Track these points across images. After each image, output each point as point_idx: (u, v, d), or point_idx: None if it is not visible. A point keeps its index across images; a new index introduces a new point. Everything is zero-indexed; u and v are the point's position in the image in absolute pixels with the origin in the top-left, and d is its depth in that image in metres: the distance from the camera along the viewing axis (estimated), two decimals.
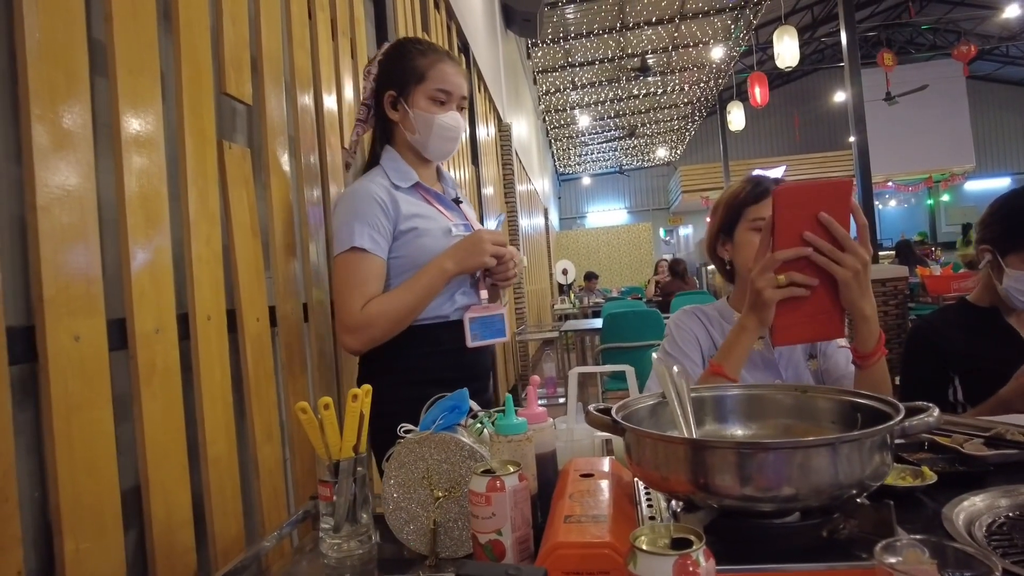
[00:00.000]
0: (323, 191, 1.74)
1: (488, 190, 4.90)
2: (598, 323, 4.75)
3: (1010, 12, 12.00)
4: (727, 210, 1.38)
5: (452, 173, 3.52)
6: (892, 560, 0.57)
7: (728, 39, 10.84)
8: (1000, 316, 1.58)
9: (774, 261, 1.03)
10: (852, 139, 6.35)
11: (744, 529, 0.68)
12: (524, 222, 7.36)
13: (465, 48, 4.41)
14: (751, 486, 0.63)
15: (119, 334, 0.96)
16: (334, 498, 1.01)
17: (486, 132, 5.22)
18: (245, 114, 1.50)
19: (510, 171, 6.21)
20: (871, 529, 0.67)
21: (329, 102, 1.83)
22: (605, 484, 0.81)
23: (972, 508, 0.89)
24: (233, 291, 1.27)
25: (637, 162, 19.46)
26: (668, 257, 8.77)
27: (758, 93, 8.76)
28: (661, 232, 19.10)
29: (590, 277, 10.23)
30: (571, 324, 5.75)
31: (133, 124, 1.01)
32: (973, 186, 17.56)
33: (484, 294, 1.54)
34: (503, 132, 6.17)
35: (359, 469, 1.04)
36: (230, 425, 1.18)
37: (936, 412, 0.69)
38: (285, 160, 1.55)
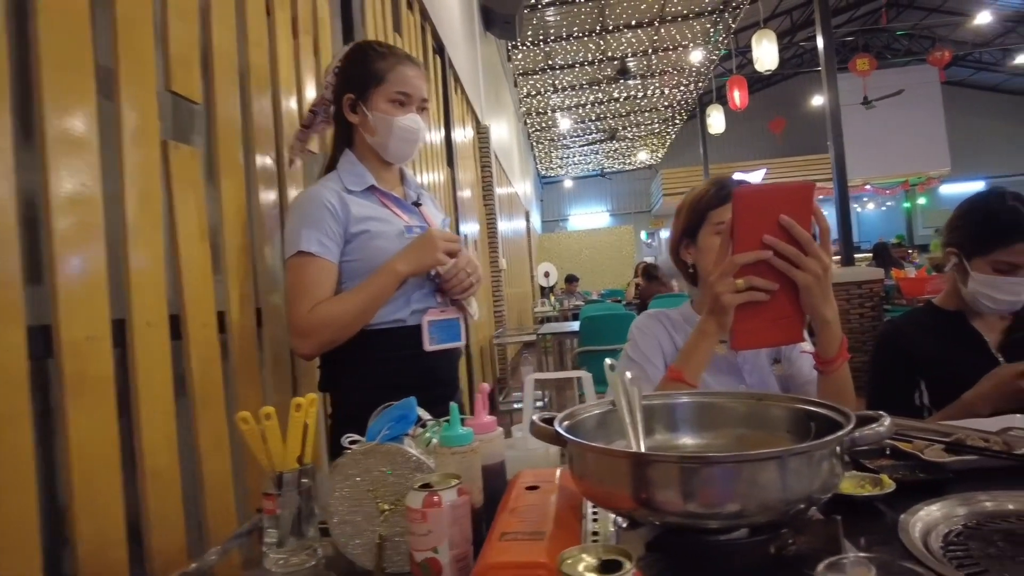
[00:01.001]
0: (280, 193, 1.69)
1: (465, 193, 4.86)
2: (576, 326, 4.72)
3: (981, 19, 12.19)
4: (690, 213, 1.35)
5: (425, 176, 3.48)
6: None
7: (707, 43, 10.90)
8: (965, 320, 1.57)
9: (733, 265, 1.01)
10: (829, 143, 6.39)
11: (688, 546, 0.65)
12: (504, 225, 7.33)
13: (440, 49, 4.37)
14: (695, 502, 0.60)
15: (44, 342, 0.91)
16: (278, 511, 0.97)
17: (463, 134, 5.18)
18: (198, 113, 1.45)
19: (488, 174, 6.18)
20: (820, 545, 0.64)
21: (288, 102, 1.78)
22: (551, 498, 0.77)
23: (929, 518, 0.87)
24: (178, 296, 1.22)
25: (619, 165, 19.53)
26: (649, 259, 8.78)
27: (737, 96, 8.81)
28: (643, 235, 19.17)
29: (571, 280, 10.22)
30: (549, 327, 5.72)
31: (60, 122, 0.96)
32: (948, 189, 17.81)
33: (439, 297, 1.51)
34: (481, 134, 6.14)
35: (304, 481, 1.00)
36: (172, 436, 1.13)
37: (887, 422, 0.66)
38: (239, 161, 1.50)
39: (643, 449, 0.76)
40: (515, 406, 4.79)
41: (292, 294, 1.41)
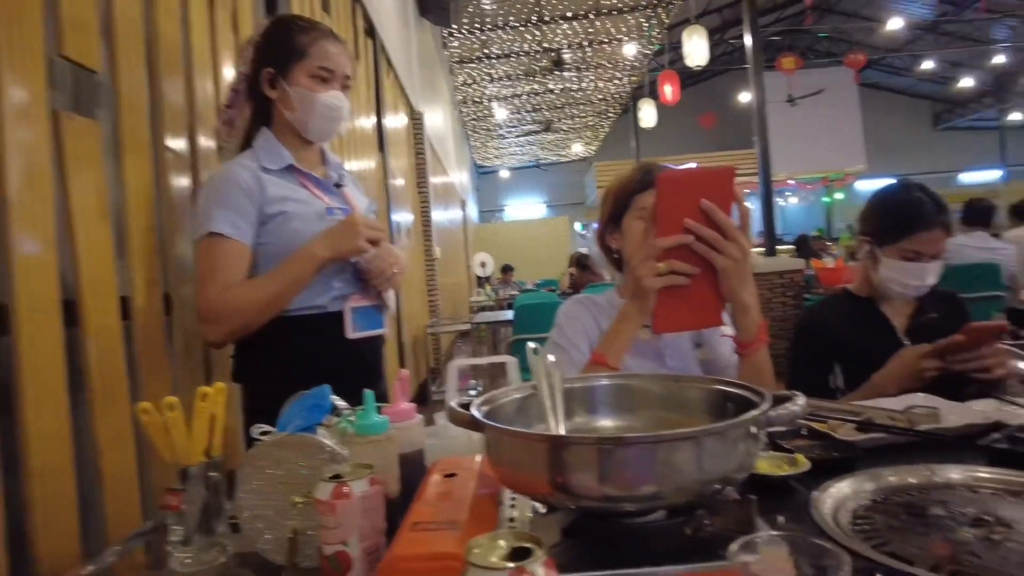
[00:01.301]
0: (194, 175, 1.60)
1: (398, 181, 4.76)
2: (511, 314, 4.71)
3: (892, 25, 12.85)
4: (616, 199, 1.35)
5: (355, 163, 3.38)
6: (747, 559, 0.54)
7: (641, 37, 11.07)
8: (876, 305, 1.63)
9: (655, 249, 1.01)
10: (755, 138, 6.60)
11: (605, 530, 0.64)
12: (439, 215, 7.25)
13: (371, 31, 4.25)
14: (611, 484, 0.59)
15: None
16: (183, 507, 0.92)
17: (396, 120, 5.07)
18: (99, 85, 1.34)
19: (423, 161, 6.08)
20: (734, 525, 0.64)
21: (204, 79, 1.68)
22: (469, 485, 0.75)
23: (839, 494, 0.89)
24: (73, 280, 1.13)
25: (554, 157, 19.65)
26: (583, 250, 8.88)
27: (668, 91, 8.98)
28: (577, 226, 19.37)
29: (507, 270, 10.23)
30: (484, 316, 5.70)
31: None
32: (864, 186, 18.75)
33: (361, 283, 1.46)
34: (415, 121, 6.03)
35: (212, 475, 0.95)
36: (64, 431, 1.04)
37: (801, 400, 0.67)
38: (146, 138, 1.41)
39: (563, 432, 0.75)
40: (470, 393, 4.73)
41: (201, 277, 1.33)
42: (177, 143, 1.53)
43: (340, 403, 0.99)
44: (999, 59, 15.82)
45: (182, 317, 1.47)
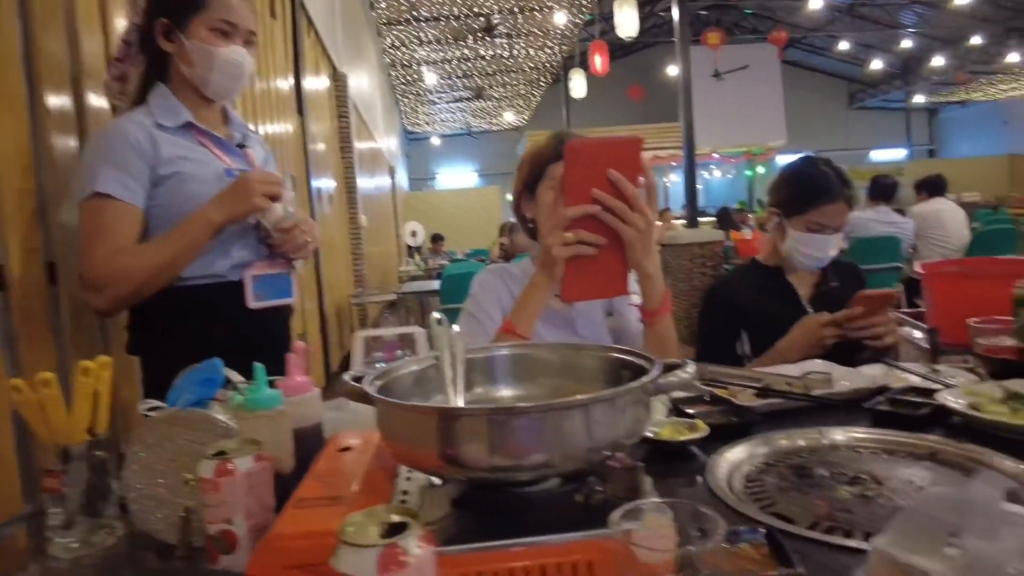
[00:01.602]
0: (81, 135, 1.48)
1: (319, 146, 4.59)
2: (437, 284, 4.67)
3: (813, 4, 13.25)
4: (530, 167, 1.33)
5: (270, 126, 3.23)
6: (630, 526, 0.54)
7: (572, 5, 11.00)
8: (782, 275, 1.70)
9: (563, 218, 1.00)
10: (681, 111, 6.70)
11: (496, 500, 0.63)
12: (365, 182, 7.06)
13: None
14: (500, 454, 0.58)
15: None
16: (63, 489, 0.86)
17: (317, 82, 4.87)
18: None
19: (346, 125, 5.88)
20: (623, 492, 0.64)
21: (90, 28, 1.55)
22: (364, 459, 0.73)
23: (734, 458, 0.92)
24: None
25: (486, 125, 19.46)
26: (514, 220, 8.88)
27: (598, 61, 9.00)
28: (509, 196, 19.39)
29: (437, 239, 10.10)
30: (411, 286, 5.63)
31: None
32: (784, 160, 19.50)
33: (266, 249, 1.39)
34: (338, 83, 5.81)
35: (98, 454, 0.89)
36: None
37: (691, 368, 0.68)
38: (22, 96, 1.29)
39: (461, 404, 0.74)
40: (377, 366, 4.68)
41: (85, 240, 1.24)
42: (59, 99, 1.41)
43: (235, 376, 0.95)
44: (906, 43, 16.62)
45: (70, 287, 1.37)
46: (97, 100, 1.53)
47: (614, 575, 0.52)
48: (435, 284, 5.22)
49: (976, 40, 14.68)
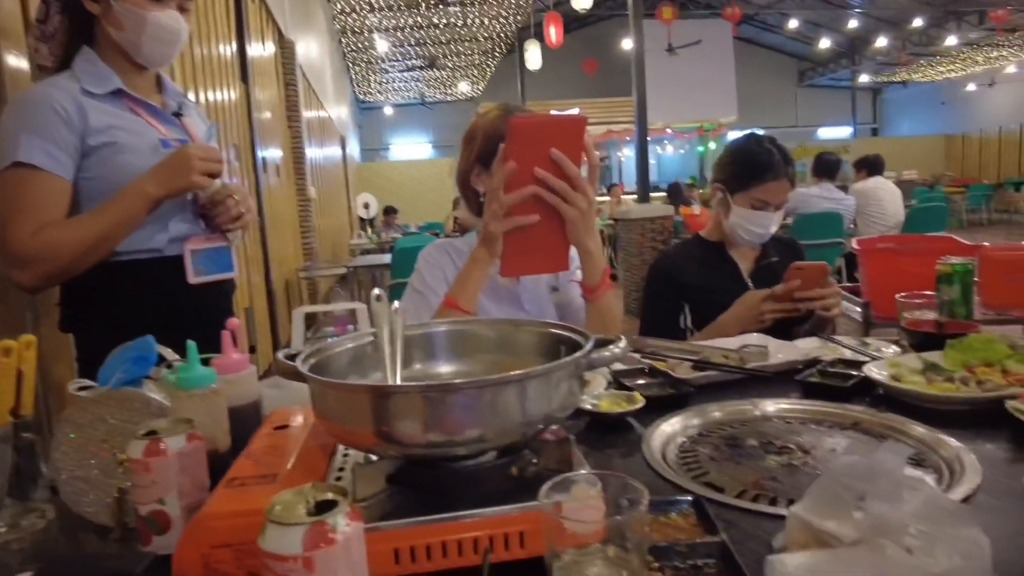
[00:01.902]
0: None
1: (265, 115, 4.45)
2: (389, 259, 4.62)
3: None
4: (485, 142, 1.31)
5: (211, 93, 3.11)
6: (559, 498, 0.56)
7: None
8: (725, 250, 1.74)
9: (502, 196, 1.00)
10: (633, 85, 6.72)
11: (430, 475, 0.64)
12: (314, 152, 6.89)
13: None
14: (435, 431, 0.58)
15: None
16: None
17: (262, 48, 4.70)
18: None
19: (294, 93, 5.71)
20: (556, 464, 0.66)
21: None
22: (299, 437, 0.73)
23: (669, 430, 0.95)
24: None
25: (440, 95, 19.13)
26: None
27: (553, 33, 8.93)
28: None
29: (389, 212, 9.94)
30: (362, 260, 5.55)
31: None
32: (735, 136, 19.80)
33: (203, 223, 1.35)
34: (285, 50, 5.62)
35: (25, 436, 0.87)
36: None
37: (622, 343, 0.69)
38: None
39: (399, 381, 0.74)
40: (329, 340, 4.62)
41: (7, 215, 1.18)
42: None
43: (169, 354, 0.93)
44: (853, 23, 16.97)
45: None
46: (16, 61, 1.45)
47: (545, 546, 0.54)
48: (387, 258, 5.16)
49: (918, 22, 15.10)
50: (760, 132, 1.77)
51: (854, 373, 1.10)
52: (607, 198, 9.78)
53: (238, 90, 3.78)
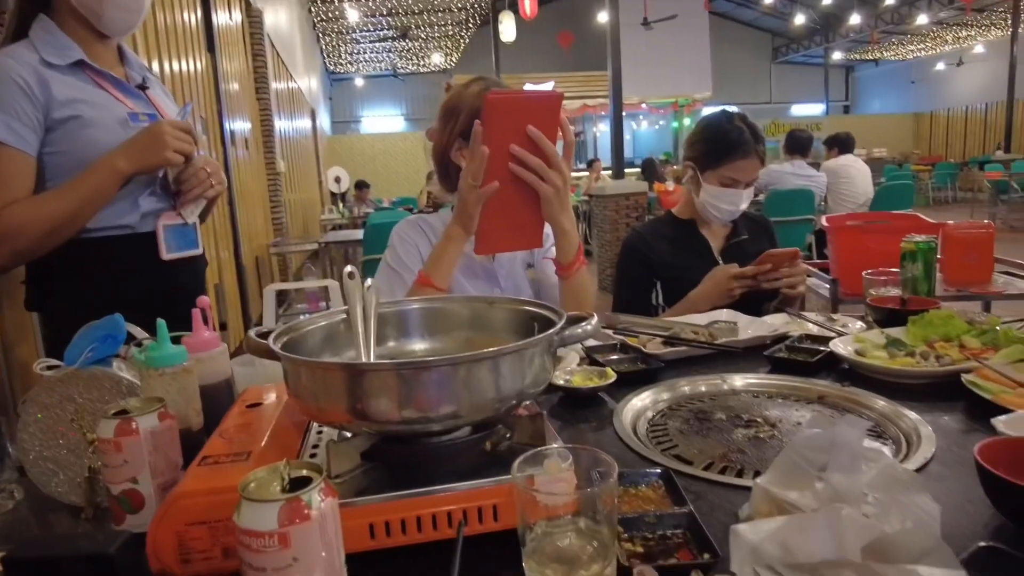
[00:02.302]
0: None
1: (232, 86, 4.34)
2: (362, 234, 4.57)
3: None
4: (471, 116, 1.28)
5: (175, 63, 3.02)
6: (531, 472, 0.57)
7: None
8: (696, 227, 1.75)
9: (476, 171, 1.00)
10: (609, 59, 6.68)
11: (405, 451, 0.64)
12: (284, 124, 6.75)
13: None
14: (409, 408, 0.59)
15: None
16: None
17: (229, 17, 4.57)
18: None
19: (262, 64, 5.57)
20: (529, 439, 0.67)
21: None
22: (272, 415, 0.73)
23: (640, 404, 0.97)
24: None
25: (412, 67, 18.82)
26: None
27: (527, 4, 8.81)
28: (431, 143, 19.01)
29: (361, 186, 9.81)
30: (335, 235, 5.49)
31: None
32: (709, 112, 19.85)
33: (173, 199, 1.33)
34: (253, 19, 5.47)
35: None
36: None
37: (594, 321, 0.70)
38: None
39: (372, 359, 0.74)
40: (301, 318, 4.57)
41: None
42: None
43: (138, 332, 0.91)
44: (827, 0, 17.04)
45: None
46: None
47: (518, 518, 0.55)
48: (359, 234, 5.11)
49: (890, 0, 15.22)
50: (733, 109, 1.77)
51: (820, 348, 1.13)
52: (585, 173, 9.77)
53: (204, 60, 3.67)
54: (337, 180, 10.25)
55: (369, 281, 0.79)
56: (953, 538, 0.58)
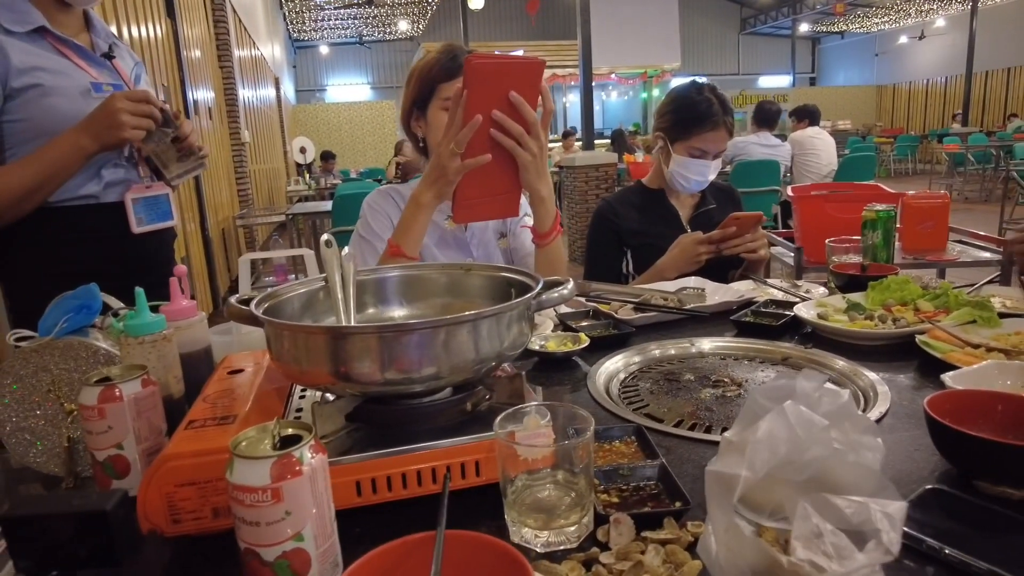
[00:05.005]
0: None
1: (194, 53, 4.21)
2: (330, 205, 4.52)
3: None
4: (420, 85, 1.29)
5: (133, 28, 2.92)
6: (511, 427, 0.59)
7: None
8: (665, 197, 1.78)
9: (459, 138, 0.98)
10: (578, 27, 6.64)
11: (388, 413, 0.66)
12: (247, 93, 6.59)
13: None
14: (392, 370, 0.60)
15: None
16: None
17: None
18: None
19: (224, 30, 5.41)
20: (507, 399, 0.69)
21: None
22: (256, 380, 0.74)
23: (613, 367, 1.00)
24: None
25: (379, 34, 18.42)
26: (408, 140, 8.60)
27: None
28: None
29: (327, 157, 9.64)
30: (302, 207, 5.41)
31: None
32: (678, 83, 19.87)
33: (143, 170, 1.30)
34: None
35: None
36: None
37: (570, 285, 0.72)
38: None
39: (352, 324, 0.75)
40: (281, 286, 4.52)
41: None
42: None
43: (114, 303, 0.91)
44: None
45: None
46: None
47: (499, 472, 0.57)
48: (327, 205, 5.04)
49: None
50: (702, 80, 1.79)
51: (785, 313, 1.18)
52: (558, 145, 9.74)
53: (164, 26, 3.56)
54: (303, 151, 10.06)
55: (346, 249, 0.80)
56: (902, 482, 0.63)
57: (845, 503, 0.45)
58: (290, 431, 0.50)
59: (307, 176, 9.03)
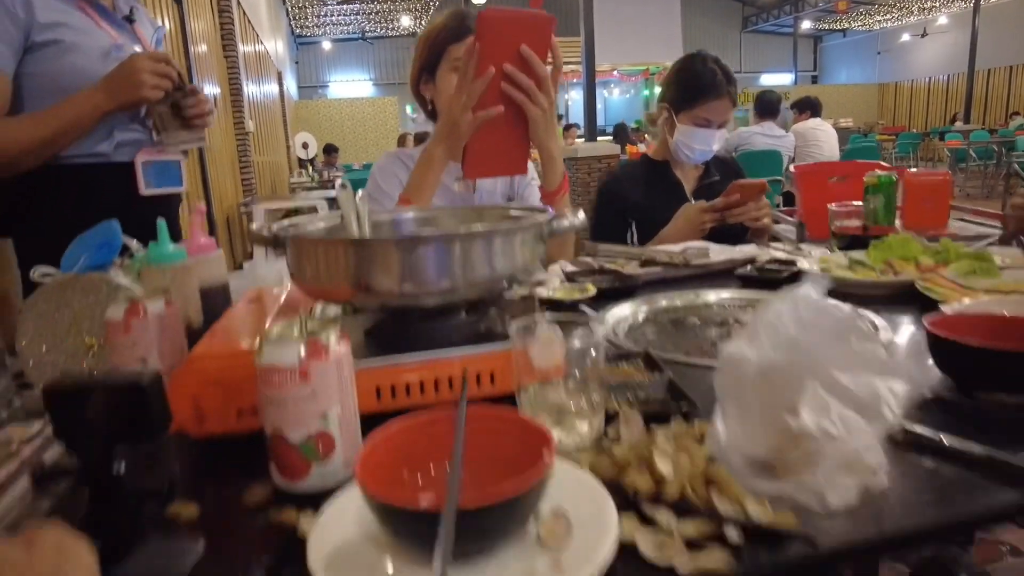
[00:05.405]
0: None
1: (200, 47, 4.23)
2: (334, 193, 4.53)
3: None
4: (429, 47, 1.31)
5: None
6: (528, 338, 0.61)
7: None
8: (669, 169, 1.80)
9: (472, 91, 0.99)
10: (581, 23, 6.64)
11: (405, 331, 0.68)
12: (252, 87, 6.60)
13: None
14: (411, 281, 0.62)
15: None
16: None
17: None
18: None
19: (229, 24, 5.42)
20: (520, 315, 0.71)
21: None
22: (273, 307, 0.76)
23: (620, 313, 1.02)
24: None
25: (381, 29, 18.42)
26: (411, 133, 8.65)
27: None
28: (408, 108, 18.72)
29: (330, 151, 9.67)
30: (309, 196, 5.42)
31: None
32: None
33: (156, 136, 1.32)
34: None
35: None
36: None
37: (580, 215, 0.74)
38: None
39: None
40: (286, 223, 4.54)
41: None
42: None
43: (132, 243, 0.93)
44: None
45: None
46: None
47: (513, 381, 0.59)
48: (333, 192, 5.05)
49: None
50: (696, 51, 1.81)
51: (787, 267, 1.20)
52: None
53: (172, 17, 3.58)
54: (305, 146, 10.08)
55: (360, 192, 0.82)
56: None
57: (851, 380, 0.47)
58: (317, 326, 0.53)
59: (310, 169, 9.05)
